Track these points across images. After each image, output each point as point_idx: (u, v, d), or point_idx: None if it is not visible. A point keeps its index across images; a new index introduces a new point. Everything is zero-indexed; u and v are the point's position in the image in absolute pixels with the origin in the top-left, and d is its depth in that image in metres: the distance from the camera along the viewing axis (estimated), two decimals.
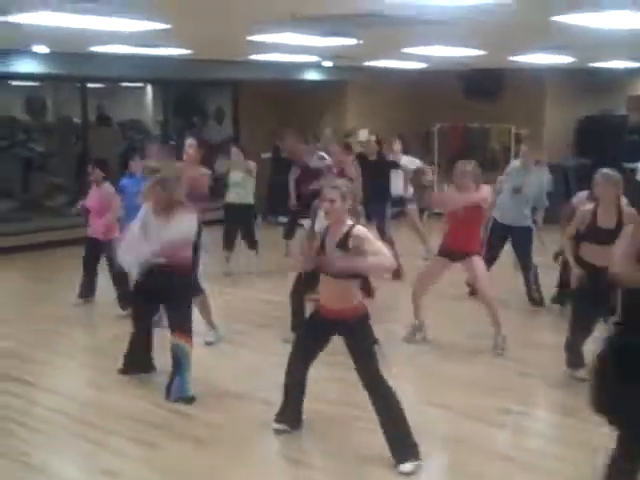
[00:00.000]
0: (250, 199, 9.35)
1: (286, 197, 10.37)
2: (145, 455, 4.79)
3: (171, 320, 5.61)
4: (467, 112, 13.41)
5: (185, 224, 5.53)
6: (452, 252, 6.65)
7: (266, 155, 13.83)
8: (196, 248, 6.26)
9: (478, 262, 6.65)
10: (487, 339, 6.69)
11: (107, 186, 7.84)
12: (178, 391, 5.53)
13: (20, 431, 5.10)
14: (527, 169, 7.98)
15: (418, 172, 7.30)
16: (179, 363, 5.54)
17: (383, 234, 8.65)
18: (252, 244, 9.49)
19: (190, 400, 5.50)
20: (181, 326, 5.56)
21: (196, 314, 6.15)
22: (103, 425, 5.19)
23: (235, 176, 9.24)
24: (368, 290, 5.59)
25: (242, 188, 9.23)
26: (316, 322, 4.82)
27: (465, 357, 6.53)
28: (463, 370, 6.23)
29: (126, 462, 4.69)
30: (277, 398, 5.02)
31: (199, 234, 6.34)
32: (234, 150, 9.46)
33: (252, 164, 9.30)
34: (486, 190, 6.62)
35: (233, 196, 9.31)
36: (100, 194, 7.84)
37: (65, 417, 5.35)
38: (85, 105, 11.94)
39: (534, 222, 7.99)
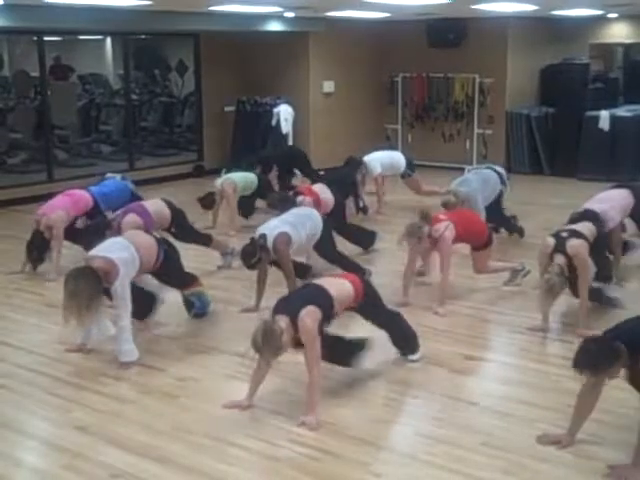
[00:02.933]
0: None
1: (249, 150, 10.31)
2: (116, 410, 4.80)
3: (173, 285, 6.14)
4: (430, 62, 13.37)
5: None
6: None
7: (229, 108, 13.71)
8: None
9: None
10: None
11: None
12: (200, 308, 6.20)
13: None
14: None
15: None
16: (197, 300, 6.16)
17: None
18: (245, 210, 9.32)
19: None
20: (183, 284, 6.13)
21: None
22: (73, 381, 5.22)
23: None
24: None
25: None
26: None
27: (429, 306, 6.57)
28: (427, 318, 6.29)
29: (98, 417, 4.71)
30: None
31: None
32: None
33: None
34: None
35: None
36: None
37: (34, 373, 5.36)
38: (43, 59, 11.67)
39: None
